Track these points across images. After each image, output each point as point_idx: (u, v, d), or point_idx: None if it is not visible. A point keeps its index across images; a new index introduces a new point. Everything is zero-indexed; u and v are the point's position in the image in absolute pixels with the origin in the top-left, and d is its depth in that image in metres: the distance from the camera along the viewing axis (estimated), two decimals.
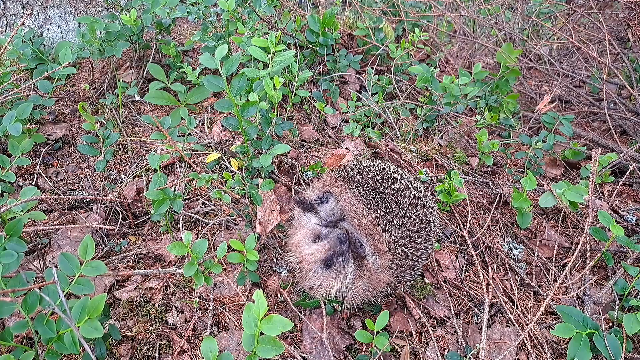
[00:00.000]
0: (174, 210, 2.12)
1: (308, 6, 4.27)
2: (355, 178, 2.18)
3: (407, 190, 2.13)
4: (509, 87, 3.14)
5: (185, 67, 2.67)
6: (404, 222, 2.05)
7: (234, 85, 2.01)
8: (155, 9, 3.00)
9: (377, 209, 2.05)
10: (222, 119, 3.15)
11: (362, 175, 2.18)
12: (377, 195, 2.10)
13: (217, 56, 1.91)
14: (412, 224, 2.06)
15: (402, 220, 2.05)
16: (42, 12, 3.39)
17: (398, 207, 2.07)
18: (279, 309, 2.24)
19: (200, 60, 1.92)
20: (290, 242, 2.11)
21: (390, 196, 2.10)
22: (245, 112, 2.09)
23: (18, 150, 2.32)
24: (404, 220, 2.05)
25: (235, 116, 2.10)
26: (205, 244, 1.88)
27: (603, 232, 2.23)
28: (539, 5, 4.45)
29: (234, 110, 2.05)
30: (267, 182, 2.21)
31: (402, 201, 2.09)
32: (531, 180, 2.39)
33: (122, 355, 1.99)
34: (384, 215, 2.05)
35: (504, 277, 2.44)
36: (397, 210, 2.06)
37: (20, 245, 1.73)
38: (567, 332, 1.80)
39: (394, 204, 2.08)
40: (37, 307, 1.60)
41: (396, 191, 2.12)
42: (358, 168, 2.24)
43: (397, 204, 2.08)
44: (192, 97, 2.12)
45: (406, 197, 2.11)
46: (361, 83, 3.52)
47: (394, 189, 2.12)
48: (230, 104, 2.02)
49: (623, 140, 3.44)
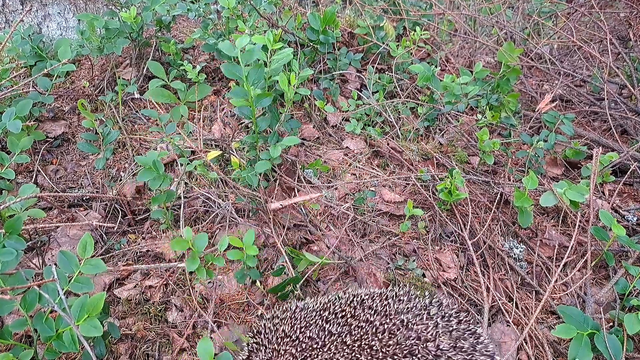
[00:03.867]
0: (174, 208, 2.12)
1: (309, 4, 4.26)
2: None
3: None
4: (510, 86, 3.13)
5: (186, 64, 2.66)
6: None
7: (251, 74, 2.02)
8: (155, 7, 2.98)
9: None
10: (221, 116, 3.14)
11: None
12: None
13: (238, 45, 1.92)
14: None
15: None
16: (42, 8, 3.37)
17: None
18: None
19: (220, 48, 1.94)
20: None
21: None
22: (260, 102, 2.09)
23: (17, 148, 2.31)
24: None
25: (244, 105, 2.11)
26: (205, 238, 1.87)
27: (604, 231, 2.23)
28: (540, 4, 4.44)
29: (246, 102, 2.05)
30: (263, 163, 2.21)
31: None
32: (533, 179, 2.38)
33: (122, 353, 1.98)
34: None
35: (505, 277, 2.43)
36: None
37: (20, 243, 1.72)
38: (568, 332, 1.80)
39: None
40: (36, 305, 1.59)
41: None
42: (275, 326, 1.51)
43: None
44: (192, 94, 2.12)
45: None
46: (362, 81, 3.52)
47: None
48: (244, 93, 2.03)
49: (624, 140, 3.43)
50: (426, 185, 2.76)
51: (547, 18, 4.50)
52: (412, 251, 2.48)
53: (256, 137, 2.25)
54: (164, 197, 2.13)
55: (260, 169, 2.20)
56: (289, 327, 1.52)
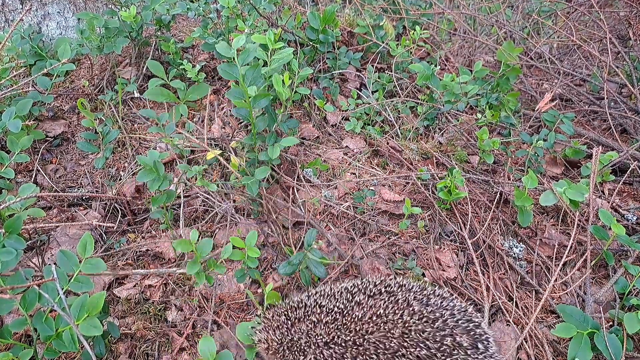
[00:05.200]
0: (173, 208, 2.11)
1: (308, 3, 4.26)
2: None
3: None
4: (510, 85, 3.13)
5: (185, 64, 2.66)
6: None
7: (247, 75, 2.01)
8: (154, 6, 2.98)
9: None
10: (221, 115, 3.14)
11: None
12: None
13: (234, 45, 1.91)
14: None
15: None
16: (41, 8, 3.37)
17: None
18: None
19: (217, 49, 1.93)
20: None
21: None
22: (257, 103, 2.08)
23: (17, 147, 2.31)
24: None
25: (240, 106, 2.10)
26: (210, 244, 1.85)
27: (604, 230, 2.23)
28: (540, 3, 4.44)
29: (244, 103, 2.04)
30: (262, 169, 2.20)
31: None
32: (532, 178, 2.38)
33: (122, 353, 1.98)
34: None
35: (504, 276, 2.43)
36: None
37: (19, 243, 1.72)
38: (567, 331, 1.80)
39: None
40: (36, 304, 1.59)
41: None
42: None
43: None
44: (192, 94, 2.12)
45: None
46: (361, 81, 3.51)
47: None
48: (241, 93, 2.02)
49: (624, 139, 3.43)
50: (426, 185, 2.76)
51: (547, 17, 4.50)
52: (412, 250, 2.48)
53: (255, 138, 2.25)
54: (164, 197, 2.12)
55: (260, 176, 2.19)
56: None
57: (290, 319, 1.67)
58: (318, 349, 1.55)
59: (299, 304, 1.71)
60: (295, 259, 2.04)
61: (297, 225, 2.53)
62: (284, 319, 1.68)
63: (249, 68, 2.02)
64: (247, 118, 2.15)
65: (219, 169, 2.72)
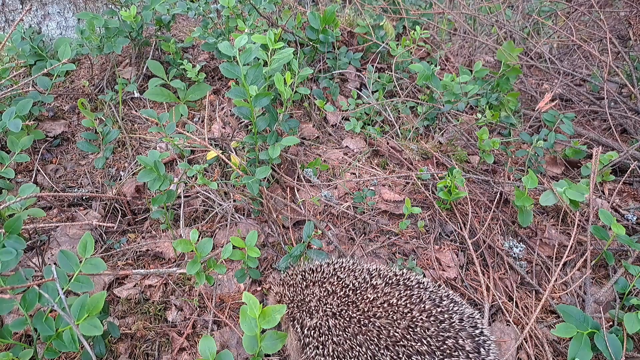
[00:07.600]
0: (173, 207, 2.11)
1: (308, 3, 4.26)
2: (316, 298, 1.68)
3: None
4: (510, 85, 3.14)
5: (185, 64, 2.67)
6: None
7: (249, 74, 2.01)
8: (155, 6, 2.98)
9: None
10: (221, 115, 3.14)
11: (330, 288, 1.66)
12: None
13: (237, 45, 1.92)
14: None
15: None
16: (41, 8, 3.37)
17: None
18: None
19: (219, 48, 1.94)
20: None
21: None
22: (258, 102, 2.09)
23: (17, 147, 2.31)
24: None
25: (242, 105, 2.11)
26: (210, 244, 1.86)
27: (604, 230, 2.23)
28: (540, 3, 4.44)
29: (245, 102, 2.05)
30: (262, 169, 2.21)
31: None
32: (532, 178, 2.38)
33: (122, 352, 1.98)
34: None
35: (504, 276, 2.43)
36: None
37: (19, 243, 1.72)
38: (567, 331, 1.80)
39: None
40: (36, 304, 1.59)
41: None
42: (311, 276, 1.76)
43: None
44: (192, 94, 2.12)
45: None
46: (361, 81, 3.51)
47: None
48: (243, 92, 2.02)
49: (624, 139, 3.43)
50: (426, 184, 2.76)
51: (547, 17, 4.50)
52: (412, 250, 2.48)
53: (255, 138, 2.25)
54: (164, 198, 2.12)
55: (260, 175, 2.19)
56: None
57: (306, 280, 1.77)
58: (325, 317, 1.64)
59: (317, 268, 1.81)
60: (297, 251, 2.07)
61: (298, 225, 2.53)
62: (300, 279, 1.79)
63: (250, 67, 2.03)
64: (249, 117, 2.15)
65: (219, 169, 2.72)
